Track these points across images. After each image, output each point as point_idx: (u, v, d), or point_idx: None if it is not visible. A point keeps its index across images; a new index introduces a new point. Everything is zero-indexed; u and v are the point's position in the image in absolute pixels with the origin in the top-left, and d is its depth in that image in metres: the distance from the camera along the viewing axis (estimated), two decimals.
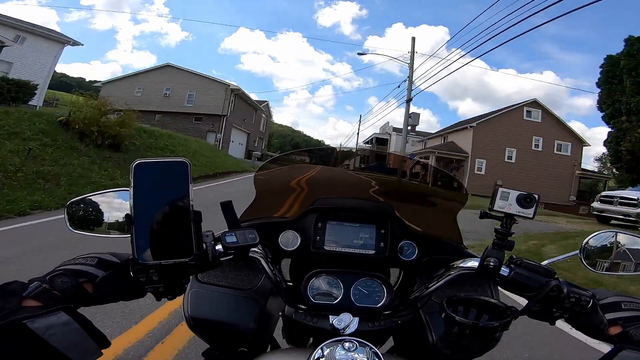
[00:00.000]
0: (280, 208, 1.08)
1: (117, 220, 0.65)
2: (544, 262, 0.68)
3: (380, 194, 1.11)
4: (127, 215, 0.52)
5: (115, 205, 0.65)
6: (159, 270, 0.53)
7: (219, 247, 0.61)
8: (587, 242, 0.71)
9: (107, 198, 0.67)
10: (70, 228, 0.67)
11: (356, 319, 0.75)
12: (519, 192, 0.67)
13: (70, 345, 0.45)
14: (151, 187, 0.53)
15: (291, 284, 0.98)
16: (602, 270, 0.72)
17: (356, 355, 0.57)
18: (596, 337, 0.62)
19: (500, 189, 0.68)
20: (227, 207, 0.66)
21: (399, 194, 1.11)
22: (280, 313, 0.84)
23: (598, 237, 0.72)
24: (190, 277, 0.86)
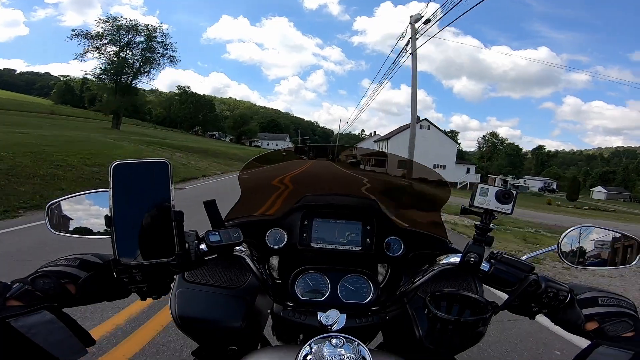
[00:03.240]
0: (266, 206, 1.09)
1: (97, 222, 0.64)
2: (524, 257, 0.69)
3: (365, 191, 1.11)
4: (106, 216, 0.52)
5: (95, 206, 0.65)
6: (142, 270, 0.54)
7: (203, 246, 0.61)
8: (564, 237, 0.72)
9: (86, 199, 0.67)
10: (50, 230, 0.66)
11: (344, 316, 0.76)
12: (497, 189, 0.68)
13: (54, 344, 0.46)
14: (131, 187, 0.53)
15: (280, 281, 0.99)
16: (578, 265, 0.73)
17: (343, 351, 0.58)
18: (574, 332, 0.63)
19: (480, 185, 0.69)
20: (210, 206, 0.66)
21: (384, 191, 1.11)
22: (269, 311, 0.85)
23: (575, 232, 0.73)
24: (177, 276, 0.87)
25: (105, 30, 38.56)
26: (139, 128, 52.67)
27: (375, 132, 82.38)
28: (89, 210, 0.66)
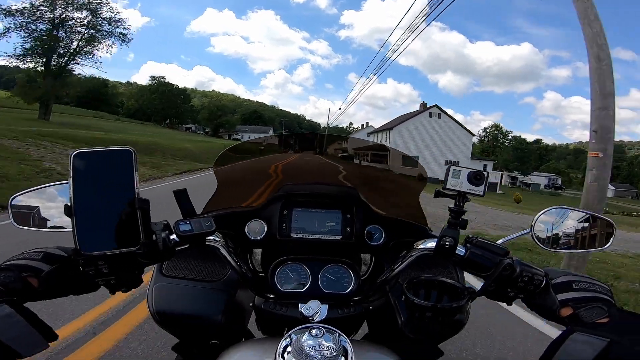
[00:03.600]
0: (244, 197, 1.08)
1: (61, 213, 0.64)
2: (499, 241, 0.69)
3: (344, 179, 1.11)
4: (66, 205, 0.51)
5: (57, 198, 0.64)
6: (107, 261, 0.53)
7: (174, 236, 0.60)
8: (537, 219, 0.72)
9: (50, 191, 0.66)
10: (14, 224, 0.65)
11: (325, 306, 0.76)
12: (469, 170, 0.68)
13: (14, 338, 0.45)
14: (92, 176, 0.52)
15: (263, 274, 0.98)
16: (552, 247, 0.73)
17: (324, 341, 0.57)
18: (549, 317, 0.62)
19: (452, 167, 0.68)
20: (181, 195, 0.65)
21: (363, 179, 1.11)
22: (251, 304, 0.84)
23: (549, 214, 0.72)
24: (155, 271, 0.86)
25: (32, 4, 28.88)
26: (86, 119, 41.25)
27: (367, 123, 72.25)
28: (52, 202, 0.65)
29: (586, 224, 0.72)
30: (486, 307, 2.86)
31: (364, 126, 70.36)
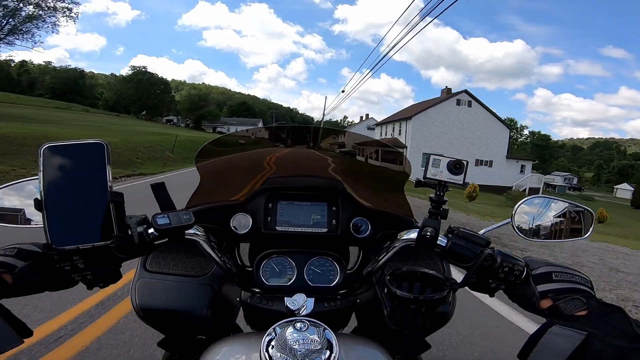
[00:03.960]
0: (228, 191, 1.06)
1: (32, 209, 0.62)
2: (481, 232, 0.69)
3: (329, 172, 1.10)
4: (35, 199, 0.51)
5: (28, 193, 0.63)
6: (82, 256, 0.52)
7: (151, 230, 0.59)
8: (517, 208, 0.72)
9: (20, 188, 0.65)
10: None
11: (311, 300, 0.76)
12: (449, 159, 0.68)
13: None
14: (63, 170, 0.51)
15: (250, 268, 0.98)
16: (532, 237, 0.73)
17: (308, 334, 0.57)
18: (530, 309, 0.62)
19: (432, 157, 0.68)
20: (158, 189, 0.64)
21: (348, 171, 1.10)
22: (237, 299, 0.84)
23: (529, 203, 0.73)
24: (138, 266, 0.85)
25: None
26: (33, 110, 34.99)
27: (367, 115, 63.88)
28: (23, 198, 0.64)
29: (566, 213, 0.73)
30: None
31: (364, 118, 62.77)
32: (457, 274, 0.81)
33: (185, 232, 0.64)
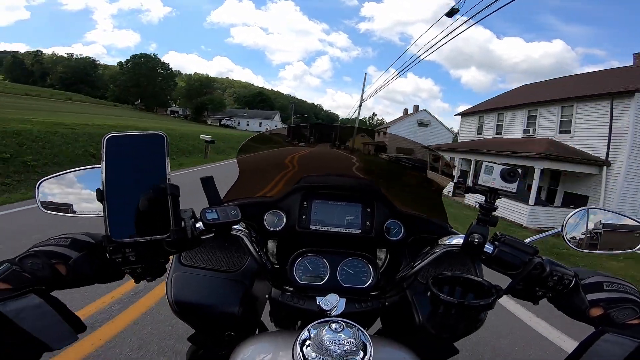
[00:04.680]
0: (264, 187, 1.06)
1: (90, 199, 0.62)
2: (527, 240, 0.68)
3: (366, 173, 1.10)
4: (98, 190, 0.50)
5: (87, 182, 0.63)
6: (135, 249, 0.52)
7: (199, 225, 0.59)
8: (568, 219, 0.71)
9: (79, 175, 0.64)
10: (41, 208, 0.64)
11: (343, 300, 0.75)
12: (502, 167, 0.66)
13: (43, 329, 0.45)
14: (124, 161, 0.51)
15: (278, 266, 0.98)
16: (582, 248, 0.72)
17: (343, 335, 0.57)
18: (578, 318, 0.62)
19: (485, 163, 0.67)
20: (208, 183, 0.64)
21: (384, 173, 1.10)
22: (267, 296, 0.84)
23: (579, 214, 0.72)
24: (173, 260, 0.85)
25: None
26: (34, 101, 33.55)
27: (417, 107, 40.65)
28: (81, 186, 0.64)
29: (617, 225, 0.72)
30: None
31: (411, 111, 40.60)
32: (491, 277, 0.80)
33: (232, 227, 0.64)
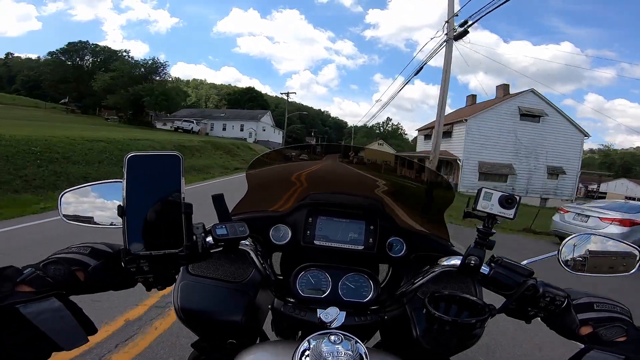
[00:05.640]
0: (272, 202, 1.10)
1: (109, 212, 0.66)
2: (524, 262, 0.70)
3: (370, 191, 1.12)
4: (119, 206, 0.54)
5: (108, 196, 0.67)
6: (149, 260, 0.55)
7: (209, 239, 0.62)
8: (565, 244, 0.74)
9: (100, 189, 0.68)
10: (63, 218, 0.68)
11: (343, 313, 0.78)
12: (501, 193, 0.69)
13: (59, 331, 0.47)
14: (143, 179, 0.54)
15: (281, 277, 1.00)
16: (578, 272, 0.74)
17: (341, 348, 0.59)
18: (568, 336, 0.64)
19: (484, 189, 0.70)
20: (218, 200, 0.67)
21: (388, 191, 1.12)
22: (269, 306, 0.86)
23: (575, 239, 0.75)
24: (181, 268, 0.88)
25: None
26: None
27: (507, 86, 27.07)
28: (100, 200, 0.67)
29: (611, 250, 0.74)
30: None
31: (514, 93, 26.61)
32: (488, 298, 0.82)
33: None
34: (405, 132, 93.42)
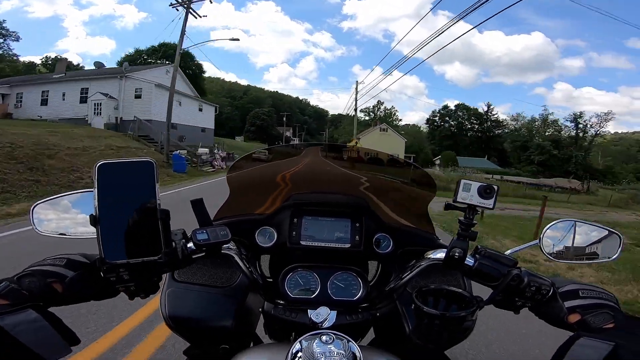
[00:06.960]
0: (255, 205, 1.09)
1: (83, 222, 0.65)
2: (507, 252, 0.70)
3: (353, 188, 1.12)
4: (91, 215, 0.53)
5: (80, 206, 0.66)
6: (128, 269, 0.54)
7: (191, 245, 0.61)
8: (546, 231, 0.74)
9: (72, 199, 0.67)
10: (36, 229, 0.67)
11: (334, 313, 0.77)
12: (479, 184, 0.70)
13: (39, 342, 0.46)
14: (116, 187, 0.53)
15: (271, 280, 1.00)
16: (560, 259, 0.75)
17: (333, 347, 0.59)
18: (557, 325, 0.64)
19: (463, 181, 0.70)
20: (198, 205, 0.66)
21: (372, 188, 1.12)
22: (260, 309, 0.86)
23: (556, 226, 0.74)
24: (167, 276, 0.87)
25: None
26: None
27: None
28: (74, 210, 0.66)
29: (594, 236, 0.74)
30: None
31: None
32: (477, 289, 0.82)
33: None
34: (400, 118, 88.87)
